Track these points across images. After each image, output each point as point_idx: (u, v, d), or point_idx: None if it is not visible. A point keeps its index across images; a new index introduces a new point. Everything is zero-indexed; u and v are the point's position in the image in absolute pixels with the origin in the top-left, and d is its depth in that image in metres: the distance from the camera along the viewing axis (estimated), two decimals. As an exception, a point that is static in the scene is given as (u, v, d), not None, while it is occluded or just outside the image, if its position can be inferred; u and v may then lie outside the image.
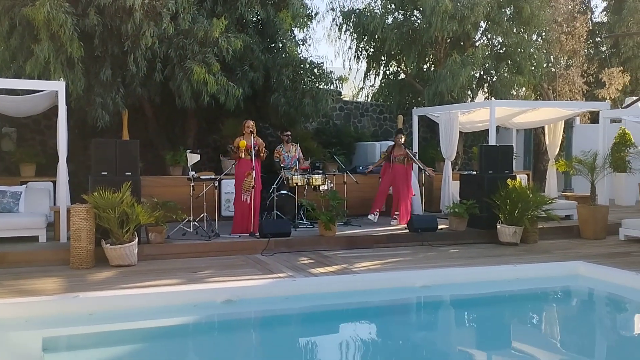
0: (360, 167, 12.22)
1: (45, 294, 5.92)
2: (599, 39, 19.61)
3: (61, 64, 9.10)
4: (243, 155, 8.91)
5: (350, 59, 15.18)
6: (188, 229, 8.79)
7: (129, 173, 7.93)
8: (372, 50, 15.07)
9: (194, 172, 9.12)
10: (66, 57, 9.11)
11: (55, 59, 9.01)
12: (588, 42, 18.40)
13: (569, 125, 14.81)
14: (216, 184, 9.30)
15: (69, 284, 6.47)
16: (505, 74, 14.01)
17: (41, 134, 11.80)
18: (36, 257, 7.53)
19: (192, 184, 8.87)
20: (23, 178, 10.13)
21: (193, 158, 9.11)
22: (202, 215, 8.95)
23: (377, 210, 10.46)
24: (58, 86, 8.28)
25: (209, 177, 9.38)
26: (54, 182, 9.20)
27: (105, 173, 7.85)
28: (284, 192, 9.85)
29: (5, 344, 4.90)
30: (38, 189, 9.08)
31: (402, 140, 10.39)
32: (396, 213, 10.36)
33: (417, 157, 10.88)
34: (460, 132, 12.26)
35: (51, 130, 10.84)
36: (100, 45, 9.48)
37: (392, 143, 10.91)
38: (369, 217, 10.40)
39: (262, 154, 9.16)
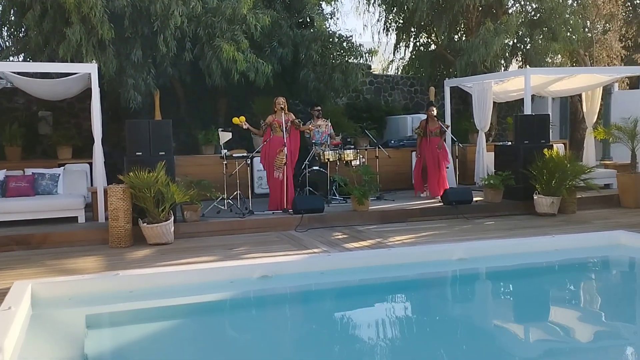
0: (392, 141, 12.10)
1: (87, 273, 6.05)
2: (637, 1, 18.85)
3: (93, 47, 9.18)
4: (242, 127, 9.04)
5: (380, 32, 14.96)
6: (222, 207, 8.87)
7: (163, 153, 8.02)
8: (401, 21, 14.78)
9: (226, 151, 9.17)
10: (97, 40, 9.18)
11: (86, 41, 9.08)
12: (626, 4, 17.70)
13: (607, 91, 14.33)
14: (248, 162, 9.33)
15: (108, 262, 6.62)
16: (540, 41, 13.60)
17: (76, 117, 11.98)
18: (76, 237, 7.71)
19: (225, 162, 8.92)
20: (60, 160, 10.32)
21: (225, 136, 9.15)
22: (235, 193, 9.01)
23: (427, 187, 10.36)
24: (91, 68, 8.37)
25: (241, 155, 9.42)
26: (91, 164, 9.36)
27: (140, 153, 7.96)
28: (316, 168, 9.83)
29: (51, 322, 5.05)
30: (75, 170, 9.25)
31: (435, 113, 10.22)
32: (425, 185, 10.27)
33: (449, 130, 10.73)
34: (494, 103, 12.00)
35: (85, 112, 11.00)
36: (130, 26, 9.51)
37: (424, 117, 10.76)
38: (422, 194, 10.30)
39: (299, 128, 9.22)
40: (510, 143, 10.50)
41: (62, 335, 4.73)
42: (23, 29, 10.58)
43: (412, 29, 14.95)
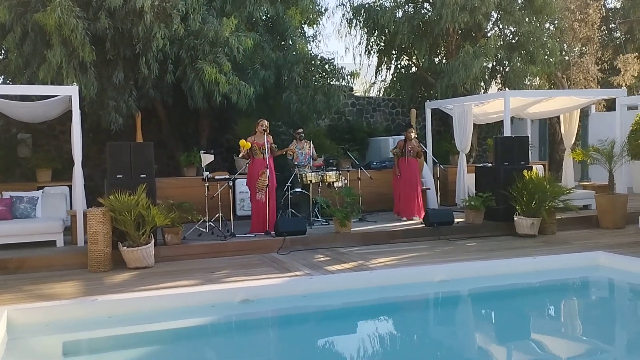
0: (374, 163, 12.16)
1: (65, 298, 5.94)
2: (613, 25, 19.34)
3: (74, 69, 9.14)
4: (245, 155, 8.92)
5: (361, 54, 15.15)
6: (204, 230, 8.81)
7: (144, 175, 7.96)
8: (382, 44, 14.98)
9: (208, 173, 9.13)
10: (78, 62, 9.15)
11: (67, 63, 9.05)
12: (602, 28, 18.17)
13: (584, 113, 14.62)
14: (230, 184, 9.30)
15: (87, 287, 6.51)
16: (519, 64, 13.86)
17: (56, 139, 11.88)
18: (54, 261, 7.58)
19: (207, 184, 8.88)
20: (39, 183, 10.19)
21: (207, 158, 9.12)
22: (217, 216, 8.96)
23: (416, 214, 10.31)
24: (71, 91, 8.33)
25: (223, 177, 9.39)
26: (70, 187, 9.26)
27: (121, 176, 7.89)
28: (298, 189, 9.83)
29: (27, 349, 4.95)
30: (54, 193, 9.13)
31: (413, 135, 10.30)
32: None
33: (430, 152, 10.79)
34: (474, 124, 12.15)
35: (66, 135, 10.92)
36: (112, 48, 9.51)
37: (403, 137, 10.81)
38: (403, 218, 10.27)
39: (274, 153, 9.18)
40: (490, 164, 10.60)
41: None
42: (3, 51, 10.52)
43: (393, 52, 15.15)
